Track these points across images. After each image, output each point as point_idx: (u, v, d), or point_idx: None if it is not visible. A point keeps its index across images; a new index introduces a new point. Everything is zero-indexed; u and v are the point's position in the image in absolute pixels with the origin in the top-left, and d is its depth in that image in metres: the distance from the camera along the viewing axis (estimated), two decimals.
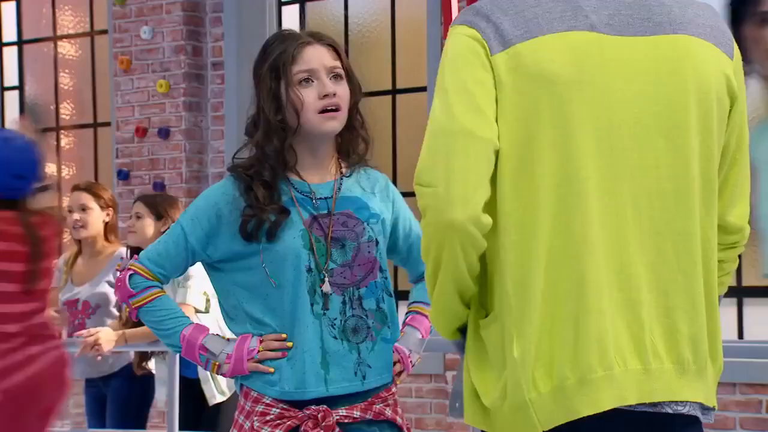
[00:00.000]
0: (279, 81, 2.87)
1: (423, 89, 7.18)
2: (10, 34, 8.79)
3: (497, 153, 2.11)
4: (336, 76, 2.89)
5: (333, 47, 2.92)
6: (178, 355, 5.18)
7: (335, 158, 2.97)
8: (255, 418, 2.87)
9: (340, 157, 2.98)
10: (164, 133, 7.84)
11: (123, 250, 5.64)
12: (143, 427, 5.54)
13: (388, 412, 2.92)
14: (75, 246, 5.64)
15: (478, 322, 2.22)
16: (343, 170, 2.97)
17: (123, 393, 5.58)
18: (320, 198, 2.91)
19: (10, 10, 8.79)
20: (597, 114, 2.11)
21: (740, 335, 6.46)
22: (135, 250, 5.37)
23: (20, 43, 8.76)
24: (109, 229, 5.63)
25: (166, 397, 5.37)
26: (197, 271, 5.06)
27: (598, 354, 2.07)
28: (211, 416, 5.24)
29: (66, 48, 8.64)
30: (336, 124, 2.88)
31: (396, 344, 3.02)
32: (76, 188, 5.63)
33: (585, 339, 2.08)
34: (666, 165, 2.13)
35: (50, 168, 8.67)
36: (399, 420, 2.95)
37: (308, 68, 2.86)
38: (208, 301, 5.20)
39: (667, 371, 2.12)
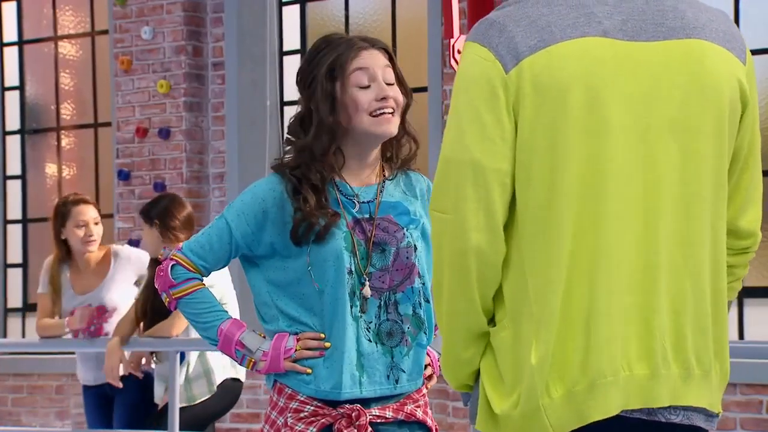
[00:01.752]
0: (335, 82, 2.89)
1: (424, 89, 7.18)
2: (10, 34, 8.79)
3: (512, 177, 2.13)
4: (388, 83, 2.93)
5: (387, 51, 2.96)
6: (178, 355, 5.19)
7: (380, 163, 2.99)
8: (289, 415, 2.89)
9: (383, 162, 3.00)
10: (165, 133, 7.85)
11: (116, 247, 5.68)
12: (150, 428, 5.53)
13: (419, 414, 2.96)
14: (59, 252, 5.63)
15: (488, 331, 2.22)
16: (386, 174, 2.99)
17: (133, 396, 5.57)
18: (363, 202, 2.94)
19: (10, 10, 8.79)
20: (613, 119, 2.12)
21: (741, 335, 6.46)
22: (155, 260, 5.38)
23: (21, 43, 8.77)
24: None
25: (164, 393, 5.38)
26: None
27: (607, 359, 2.09)
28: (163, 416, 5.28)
29: (66, 48, 8.64)
30: (391, 127, 2.91)
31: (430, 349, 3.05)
32: (82, 202, 5.61)
33: (595, 344, 2.09)
34: (677, 169, 2.14)
35: (50, 168, 8.68)
36: (429, 422, 2.98)
37: (365, 66, 2.89)
38: None
39: (674, 376, 2.13)
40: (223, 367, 5.37)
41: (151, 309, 5.33)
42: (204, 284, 2.98)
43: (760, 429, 6.15)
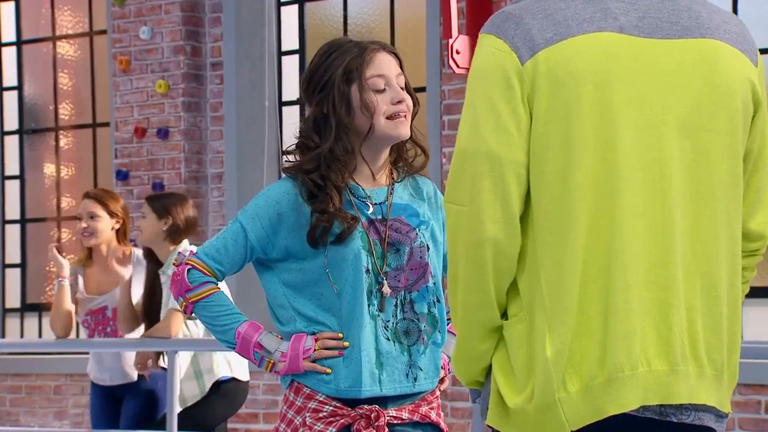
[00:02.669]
0: (351, 84, 2.93)
1: (422, 89, 7.18)
2: (9, 34, 8.79)
3: (528, 169, 2.13)
4: (401, 87, 2.97)
5: (397, 56, 3.00)
6: (177, 356, 5.18)
7: (389, 166, 3.03)
8: (307, 414, 2.91)
9: (391, 165, 3.03)
10: (163, 133, 7.85)
11: (138, 252, 5.61)
12: (159, 428, 5.53)
13: (433, 416, 2.99)
14: (82, 254, 5.62)
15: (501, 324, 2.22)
16: (394, 177, 3.03)
17: (145, 397, 5.55)
18: (375, 203, 2.97)
19: (9, 10, 8.79)
20: (627, 114, 2.13)
21: None
22: (147, 251, 5.37)
23: (19, 43, 8.76)
24: (119, 236, 5.60)
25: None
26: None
27: (626, 353, 2.09)
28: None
29: (65, 48, 8.64)
30: (406, 129, 2.95)
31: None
32: (86, 196, 5.60)
33: (613, 338, 2.09)
34: (690, 167, 2.15)
35: (49, 168, 8.68)
36: (442, 423, 3.01)
37: (381, 73, 2.94)
38: None
39: (691, 373, 2.13)
40: (218, 367, 5.35)
41: (146, 311, 5.33)
42: (219, 288, 2.99)
43: (758, 429, 6.15)
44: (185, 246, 5.30)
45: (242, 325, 2.96)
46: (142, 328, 5.44)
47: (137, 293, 5.51)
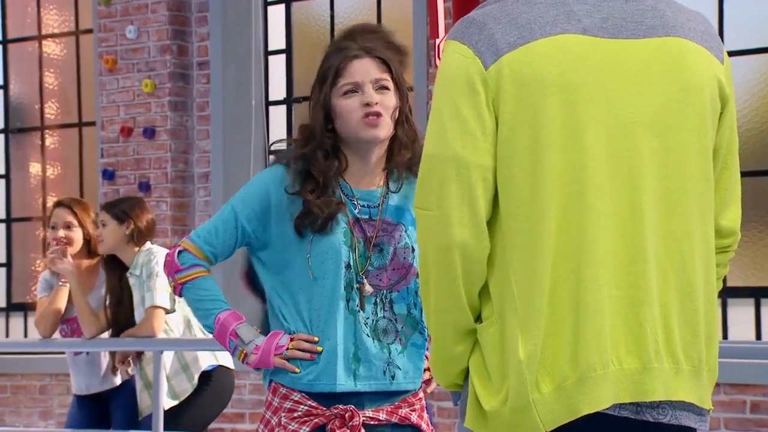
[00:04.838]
0: (329, 91, 2.97)
1: (409, 90, 7.18)
2: None
3: (495, 173, 2.15)
4: (381, 87, 2.98)
5: (382, 59, 3.01)
6: (162, 356, 5.17)
7: (384, 170, 3.05)
8: (283, 414, 2.93)
9: (388, 167, 3.05)
10: (149, 132, 7.84)
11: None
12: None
13: (414, 418, 2.99)
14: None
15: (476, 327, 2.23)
16: (389, 181, 3.04)
17: (131, 404, 5.53)
18: (363, 204, 3.00)
19: None
20: (594, 115, 2.14)
21: (724, 335, 6.48)
22: (110, 259, 5.34)
23: (5, 42, 8.74)
24: (91, 245, 5.58)
25: (149, 401, 5.35)
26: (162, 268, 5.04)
27: (597, 352, 2.10)
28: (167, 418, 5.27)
29: (51, 47, 8.62)
30: (377, 131, 2.97)
31: (428, 352, 3.07)
32: (59, 205, 5.55)
33: (584, 338, 2.10)
34: (660, 165, 2.16)
35: (35, 167, 8.66)
36: (424, 426, 3.01)
37: (353, 81, 2.96)
38: (174, 300, 5.20)
39: (666, 370, 2.14)
40: (203, 357, 5.32)
41: (115, 317, 5.31)
42: (209, 272, 3.04)
43: (743, 429, 6.17)
44: (148, 246, 5.29)
45: (224, 312, 3.00)
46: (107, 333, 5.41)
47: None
